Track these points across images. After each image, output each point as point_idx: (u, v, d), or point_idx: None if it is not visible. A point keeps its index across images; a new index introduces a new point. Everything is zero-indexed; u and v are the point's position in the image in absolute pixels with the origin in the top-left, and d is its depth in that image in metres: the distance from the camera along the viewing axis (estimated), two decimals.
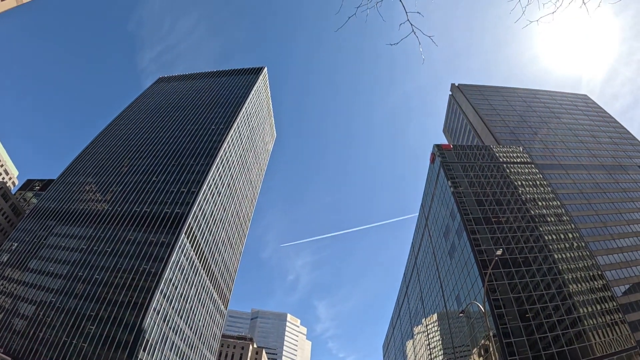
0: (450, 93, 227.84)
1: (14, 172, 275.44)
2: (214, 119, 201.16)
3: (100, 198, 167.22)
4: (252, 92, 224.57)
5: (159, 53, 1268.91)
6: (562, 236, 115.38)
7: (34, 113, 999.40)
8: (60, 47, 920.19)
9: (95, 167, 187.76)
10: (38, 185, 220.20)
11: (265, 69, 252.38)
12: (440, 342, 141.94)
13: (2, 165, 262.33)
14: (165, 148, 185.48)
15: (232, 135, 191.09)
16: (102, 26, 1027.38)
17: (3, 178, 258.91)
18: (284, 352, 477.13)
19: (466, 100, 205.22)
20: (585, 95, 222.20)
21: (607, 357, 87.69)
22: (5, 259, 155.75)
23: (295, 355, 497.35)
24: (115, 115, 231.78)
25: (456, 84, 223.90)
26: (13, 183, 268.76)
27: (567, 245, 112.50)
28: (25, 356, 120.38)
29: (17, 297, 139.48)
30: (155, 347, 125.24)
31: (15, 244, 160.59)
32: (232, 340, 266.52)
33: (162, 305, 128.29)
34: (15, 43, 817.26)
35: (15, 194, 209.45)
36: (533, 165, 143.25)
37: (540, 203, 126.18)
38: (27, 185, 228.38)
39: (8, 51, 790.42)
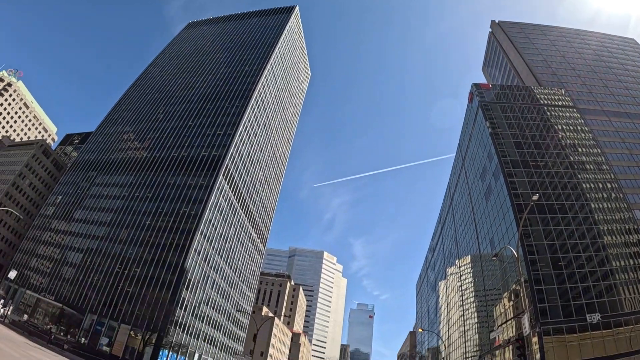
0: (491, 30, 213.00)
1: (52, 128, 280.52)
2: (247, 60, 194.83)
3: (138, 146, 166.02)
4: (285, 31, 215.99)
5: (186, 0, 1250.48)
6: (601, 185, 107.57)
7: (67, 68, 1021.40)
8: (86, 3, 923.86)
9: (131, 116, 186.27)
10: (77, 139, 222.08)
11: (297, 8, 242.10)
12: (472, 284, 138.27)
13: (40, 124, 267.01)
14: (200, 92, 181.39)
15: (266, 75, 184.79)
16: None
17: (43, 135, 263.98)
18: (320, 289, 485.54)
19: (507, 38, 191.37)
20: (634, 40, 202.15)
21: (636, 314, 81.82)
22: (52, 212, 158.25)
23: (331, 292, 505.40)
24: (147, 64, 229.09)
25: (496, 21, 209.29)
26: (52, 139, 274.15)
27: (604, 195, 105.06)
28: (75, 301, 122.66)
29: (65, 247, 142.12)
30: (197, 286, 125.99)
31: (60, 197, 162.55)
32: (270, 277, 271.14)
33: (202, 246, 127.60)
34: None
35: (55, 150, 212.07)
36: (574, 110, 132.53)
37: (580, 149, 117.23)
38: (67, 140, 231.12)
39: (37, 8, 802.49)
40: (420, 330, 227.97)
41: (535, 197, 44.79)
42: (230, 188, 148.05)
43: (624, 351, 76.99)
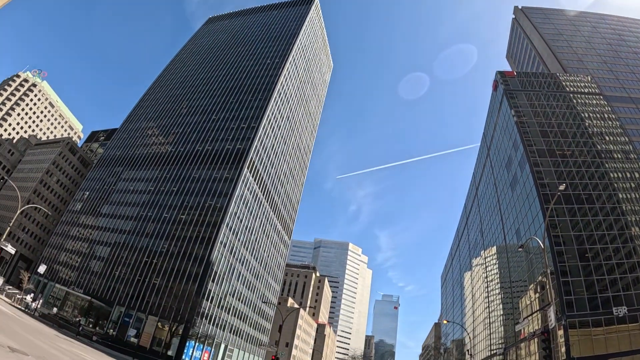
0: (514, 16, 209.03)
1: (78, 126, 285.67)
2: (269, 53, 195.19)
3: (162, 141, 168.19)
4: (306, 22, 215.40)
5: None
6: (629, 175, 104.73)
7: (91, 68, 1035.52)
8: (107, 2, 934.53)
9: (155, 112, 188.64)
10: (102, 136, 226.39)
11: None
12: (498, 275, 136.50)
13: (66, 122, 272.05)
14: (222, 86, 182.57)
15: (288, 68, 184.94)
16: None
17: (69, 134, 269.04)
18: (345, 280, 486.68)
19: (530, 24, 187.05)
20: None
21: None
22: (79, 208, 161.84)
23: (357, 284, 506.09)
24: (169, 60, 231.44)
25: (519, 7, 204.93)
26: (78, 137, 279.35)
27: (632, 185, 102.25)
28: (103, 294, 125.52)
29: (93, 241, 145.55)
30: (223, 278, 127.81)
31: (87, 193, 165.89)
32: (295, 269, 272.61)
33: (228, 238, 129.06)
34: None
35: (81, 147, 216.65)
36: (601, 97, 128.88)
37: (607, 138, 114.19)
38: (92, 137, 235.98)
39: (60, 7, 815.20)
40: (445, 321, 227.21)
41: (562, 187, 44.51)
42: (255, 180, 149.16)
43: None
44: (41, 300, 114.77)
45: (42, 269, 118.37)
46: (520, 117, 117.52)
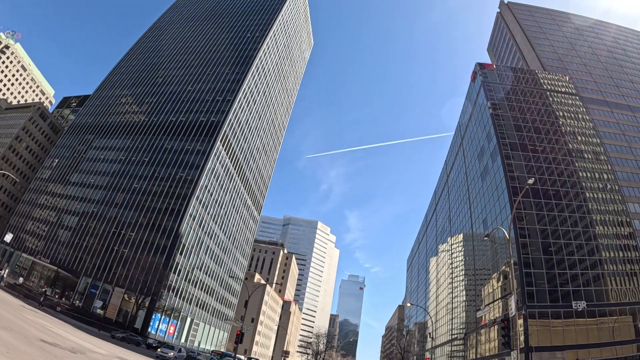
0: (499, 10, 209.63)
1: (50, 91, 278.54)
2: (250, 26, 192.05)
3: (136, 109, 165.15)
4: None
5: None
6: (597, 175, 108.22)
7: (66, 31, 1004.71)
8: None
9: (130, 80, 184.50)
10: (74, 102, 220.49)
11: None
12: (463, 262, 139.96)
13: (38, 87, 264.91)
14: (200, 57, 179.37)
15: (268, 42, 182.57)
16: None
17: (40, 98, 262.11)
18: (312, 259, 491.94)
19: (515, 19, 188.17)
20: None
21: (620, 306, 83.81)
22: (48, 175, 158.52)
23: (324, 262, 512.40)
24: (147, 27, 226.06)
25: (505, 1, 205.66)
26: (50, 102, 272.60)
27: (600, 185, 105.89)
28: (70, 265, 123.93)
29: (61, 210, 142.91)
30: (191, 251, 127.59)
31: (57, 160, 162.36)
32: (264, 245, 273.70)
33: (197, 211, 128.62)
34: None
35: (52, 113, 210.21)
36: (577, 97, 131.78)
37: (579, 138, 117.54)
38: (64, 102, 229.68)
39: None
40: (408, 304, 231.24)
41: (530, 181, 45.09)
42: (227, 154, 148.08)
43: (606, 341, 79.11)
44: (7, 270, 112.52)
45: (8, 237, 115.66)
46: (495, 109, 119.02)
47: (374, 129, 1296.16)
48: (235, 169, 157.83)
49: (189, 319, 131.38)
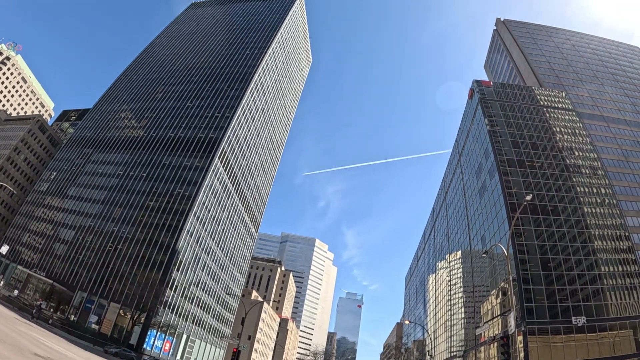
0: (495, 28, 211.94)
1: (49, 104, 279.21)
2: (249, 43, 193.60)
3: (135, 124, 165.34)
4: (288, 16, 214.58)
5: None
6: (595, 190, 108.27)
7: (67, 44, 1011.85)
8: None
9: (129, 95, 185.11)
10: (74, 116, 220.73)
11: None
12: (461, 279, 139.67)
13: (37, 99, 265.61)
14: (199, 73, 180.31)
15: (267, 60, 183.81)
16: None
17: (40, 111, 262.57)
18: (310, 276, 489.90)
19: (511, 37, 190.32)
20: (637, 48, 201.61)
21: (621, 320, 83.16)
22: (46, 188, 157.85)
23: (321, 280, 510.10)
24: (147, 43, 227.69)
25: (502, 19, 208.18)
26: (49, 115, 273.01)
27: (598, 200, 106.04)
28: (66, 278, 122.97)
29: (58, 224, 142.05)
30: (188, 267, 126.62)
31: (55, 173, 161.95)
32: (261, 262, 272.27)
33: (195, 227, 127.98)
34: None
35: (52, 125, 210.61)
36: (574, 113, 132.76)
37: (576, 153, 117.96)
38: (63, 116, 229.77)
39: None
40: (407, 322, 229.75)
41: (528, 197, 45.24)
42: (225, 171, 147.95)
43: (606, 355, 78.28)
44: (2, 282, 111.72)
45: (4, 249, 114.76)
46: (493, 126, 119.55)
47: (372, 145, 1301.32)
48: (233, 186, 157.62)
49: (185, 336, 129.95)
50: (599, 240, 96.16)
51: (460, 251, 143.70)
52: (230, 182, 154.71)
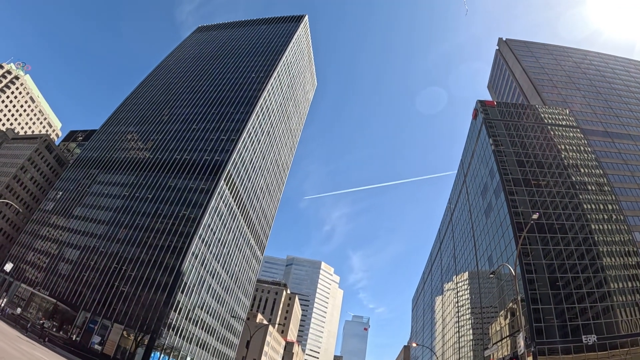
0: (497, 48, 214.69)
1: (57, 124, 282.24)
2: (254, 67, 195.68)
3: (141, 146, 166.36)
4: (293, 40, 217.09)
5: (197, 5, 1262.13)
6: (602, 206, 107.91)
7: (75, 66, 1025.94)
8: (98, 3, 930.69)
9: (136, 117, 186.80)
10: (81, 136, 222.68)
11: (307, 17, 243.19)
12: (469, 300, 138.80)
13: (45, 119, 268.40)
14: (205, 96, 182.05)
15: (272, 83, 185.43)
16: None
17: (47, 130, 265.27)
18: (316, 299, 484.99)
19: (514, 56, 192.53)
20: (638, 61, 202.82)
21: (632, 337, 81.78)
22: (51, 207, 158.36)
23: (327, 303, 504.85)
24: (154, 66, 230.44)
25: (504, 39, 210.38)
26: (57, 135, 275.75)
27: (605, 216, 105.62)
28: (70, 298, 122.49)
29: (63, 243, 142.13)
30: (193, 289, 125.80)
31: (60, 193, 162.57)
32: (266, 285, 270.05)
33: (200, 250, 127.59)
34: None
35: (59, 145, 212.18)
36: (578, 130, 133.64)
37: (582, 170, 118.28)
38: (70, 136, 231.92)
39: (47, 6, 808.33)
40: (414, 344, 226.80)
41: (535, 216, 45.04)
42: (230, 193, 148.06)
43: None
44: (5, 300, 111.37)
45: (8, 267, 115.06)
46: (497, 145, 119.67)
47: (377, 168, 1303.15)
48: (238, 208, 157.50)
49: (188, 359, 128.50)
50: (607, 257, 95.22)
51: (467, 272, 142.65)
52: (236, 205, 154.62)
